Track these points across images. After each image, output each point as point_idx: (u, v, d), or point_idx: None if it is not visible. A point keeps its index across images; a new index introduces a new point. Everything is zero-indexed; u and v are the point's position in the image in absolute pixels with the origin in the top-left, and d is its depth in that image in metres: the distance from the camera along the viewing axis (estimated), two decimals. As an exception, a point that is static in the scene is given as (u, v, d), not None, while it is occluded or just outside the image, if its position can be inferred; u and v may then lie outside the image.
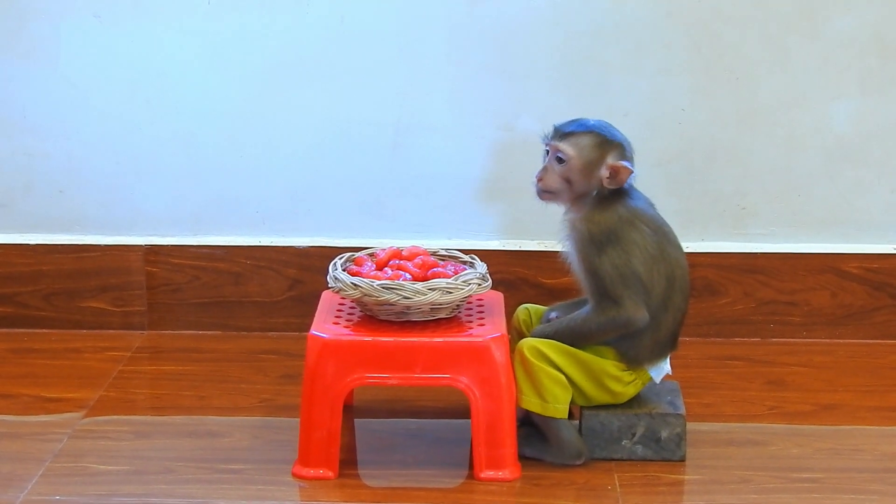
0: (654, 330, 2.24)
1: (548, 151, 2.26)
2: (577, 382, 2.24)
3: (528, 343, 2.23)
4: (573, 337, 2.24)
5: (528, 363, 2.22)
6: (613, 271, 2.20)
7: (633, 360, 2.26)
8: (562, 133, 2.25)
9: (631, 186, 2.27)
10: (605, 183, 2.23)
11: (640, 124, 2.75)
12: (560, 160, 2.24)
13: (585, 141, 2.24)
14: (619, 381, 2.26)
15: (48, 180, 2.82)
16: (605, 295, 2.21)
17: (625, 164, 2.22)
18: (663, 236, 2.25)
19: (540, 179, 2.26)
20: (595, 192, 2.24)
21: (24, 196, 2.83)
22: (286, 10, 2.75)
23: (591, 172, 2.23)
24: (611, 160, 2.23)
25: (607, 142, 2.24)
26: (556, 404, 2.22)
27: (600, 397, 2.27)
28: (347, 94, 2.78)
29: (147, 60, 2.77)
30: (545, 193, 2.27)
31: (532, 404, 2.22)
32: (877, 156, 2.79)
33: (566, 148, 2.24)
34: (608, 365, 2.25)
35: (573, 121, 2.27)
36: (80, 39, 2.76)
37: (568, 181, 2.24)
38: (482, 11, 2.74)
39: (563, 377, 2.22)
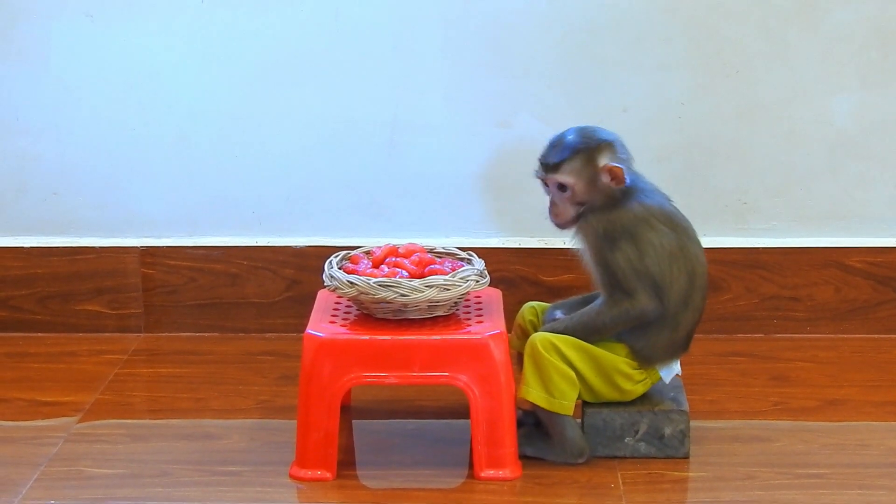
0: (672, 329, 2.23)
1: (546, 184, 2.25)
2: (587, 378, 2.22)
3: (540, 336, 2.21)
4: (586, 330, 2.22)
5: (539, 356, 2.19)
6: (626, 265, 2.19)
7: (646, 358, 2.24)
8: (552, 165, 2.23)
9: (645, 183, 2.26)
10: (613, 185, 2.22)
11: (639, 120, 2.73)
12: (562, 188, 2.23)
13: (577, 163, 2.22)
14: (630, 378, 2.24)
15: (41, 182, 2.80)
16: (617, 287, 2.20)
17: (615, 164, 2.21)
18: (682, 233, 2.24)
19: (556, 215, 2.26)
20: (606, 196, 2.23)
21: (18, 198, 2.81)
22: (280, 9, 2.73)
23: (594, 185, 2.23)
24: (606, 164, 2.21)
25: (594, 151, 2.22)
26: (563, 400, 2.20)
27: (609, 394, 2.25)
28: (343, 92, 2.76)
29: (140, 60, 2.75)
30: (566, 224, 2.26)
31: (538, 398, 2.19)
32: (879, 149, 2.77)
33: (563, 178, 2.23)
34: (619, 362, 2.23)
35: (554, 146, 2.24)
36: (73, 39, 2.74)
37: (580, 204, 2.24)
38: (478, 7, 2.72)
39: (572, 374, 2.20)
